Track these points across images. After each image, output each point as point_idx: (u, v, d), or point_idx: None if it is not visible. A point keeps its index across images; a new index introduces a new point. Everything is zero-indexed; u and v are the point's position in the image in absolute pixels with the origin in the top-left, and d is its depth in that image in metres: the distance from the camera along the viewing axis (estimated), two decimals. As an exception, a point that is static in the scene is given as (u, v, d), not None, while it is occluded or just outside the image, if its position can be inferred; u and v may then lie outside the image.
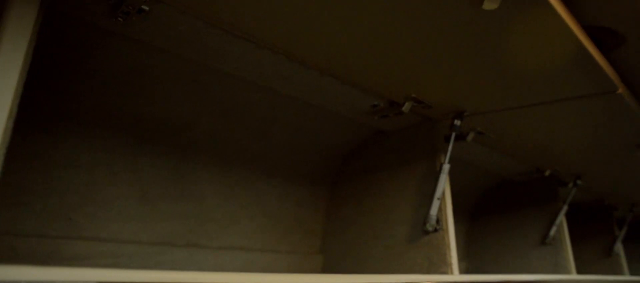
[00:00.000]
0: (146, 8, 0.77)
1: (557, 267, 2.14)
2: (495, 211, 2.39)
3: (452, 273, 1.24)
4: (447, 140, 1.37)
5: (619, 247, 2.97)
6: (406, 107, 1.27)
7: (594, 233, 3.09)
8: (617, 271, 2.95)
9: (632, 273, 3.63)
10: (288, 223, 1.50)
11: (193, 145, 1.23)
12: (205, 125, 1.21)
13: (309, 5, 0.80)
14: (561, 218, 2.14)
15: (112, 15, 0.79)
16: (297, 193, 1.54)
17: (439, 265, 1.26)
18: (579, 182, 2.20)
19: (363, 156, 1.60)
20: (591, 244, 3.08)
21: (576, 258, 2.66)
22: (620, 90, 1.18)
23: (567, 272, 2.12)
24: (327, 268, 1.55)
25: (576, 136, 1.60)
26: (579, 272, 2.77)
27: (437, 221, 1.29)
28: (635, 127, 1.47)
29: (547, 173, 2.16)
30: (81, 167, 1.05)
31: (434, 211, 1.29)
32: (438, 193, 1.30)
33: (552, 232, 2.13)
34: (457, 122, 1.35)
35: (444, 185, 1.32)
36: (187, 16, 0.83)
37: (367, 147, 1.59)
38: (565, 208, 2.15)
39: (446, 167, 1.32)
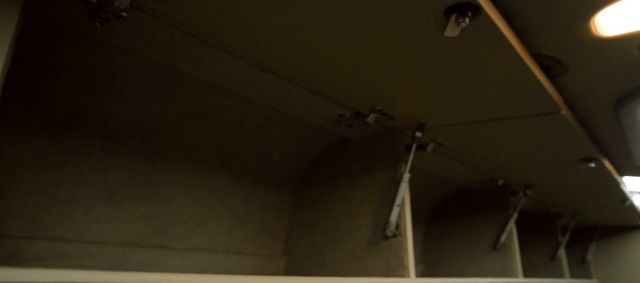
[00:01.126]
0: (125, 15, 0.79)
1: (506, 271, 2.27)
2: (452, 217, 2.51)
3: (409, 276, 1.31)
4: (409, 150, 1.45)
5: (562, 252, 3.18)
6: (371, 118, 1.33)
7: (540, 239, 3.29)
8: (559, 275, 3.15)
9: (572, 276, 3.89)
10: (253, 225, 1.53)
11: (163, 148, 1.24)
12: (176, 128, 1.23)
13: (282, 21, 0.84)
14: (511, 225, 2.28)
15: (90, 19, 0.80)
16: (263, 196, 1.57)
17: (396, 269, 1.33)
18: (528, 191, 2.35)
19: (328, 162, 1.65)
20: (538, 249, 3.27)
21: (523, 263, 2.83)
22: (563, 112, 1.30)
23: (515, 275, 2.25)
24: (290, 270, 1.59)
25: (526, 150, 1.72)
26: (525, 275, 2.95)
27: (397, 227, 1.36)
28: (577, 144, 1.61)
29: (500, 183, 2.30)
30: (47, 166, 1.05)
31: (393, 217, 1.36)
32: (398, 201, 1.37)
33: (503, 238, 2.27)
34: (418, 134, 1.43)
35: (404, 193, 1.39)
36: (165, 25, 0.86)
37: (332, 153, 1.65)
38: (515, 215, 2.30)
39: (407, 176, 1.40)
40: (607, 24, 0.96)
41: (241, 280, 0.85)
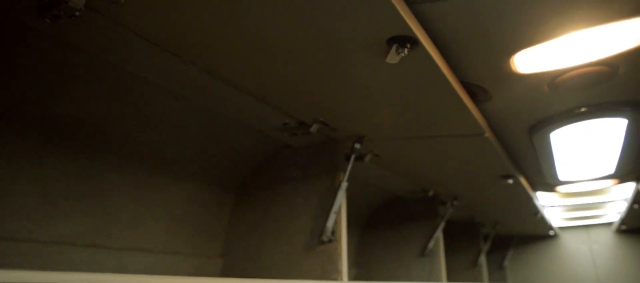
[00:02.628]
0: (78, 14, 0.79)
1: (432, 276, 2.43)
2: (385, 224, 2.63)
3: (342, 279, 1.39)
4: (348, 159, 1.53)
5: (482, 259, 3.44)
6: (314, 128, 1.40)
7: (464, 246, 3.53)
8: (479, 279, 3.41)
9: (491, 280, 4.22)
10: (193, 226, 1.53)
11: (105, 145, 1.22)
12: (120, 127, 1.21)
13: (234, 31, 0.88)
14: (439, 233, 2.44)
15: (39, 15, 0.79)
16: (204, 198, 1.58)
17: (330, 272, 1.40)
18: (455, 202, 2.53)
19: (270, 168, 1.69)
20: (462, 255, 3.52)
21: (448, 268, 3.03)
22: (487, 134, 1.44)
23: (440, 280, 2.41)
24: (227, 272, 1.61)
25: (454, 165, 1.87)
26: (449, 280, 3.16)
27: (332, 233, 1.43)
28: (498, 162, 1.79)
29: (431, 193, 2.46)
30: (-25, 159, 1.00)
31: (330, 223, 1.43)
32: (335, 208, 1.45)
33: (431, 244, 2.42)
34: (358, 146, 1.51)
35: (341, 200, 1.46)
36: (118, 26, 0.86)
37: (274, 159, 1.69)
38: (442, 224, 2.47)
39: (344, 184, 1.48)
40: (523, 63, 1.10)
41: (176, 281, 0.87)
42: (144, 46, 0.93)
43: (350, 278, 2.35)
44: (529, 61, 1.09)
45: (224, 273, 1.62)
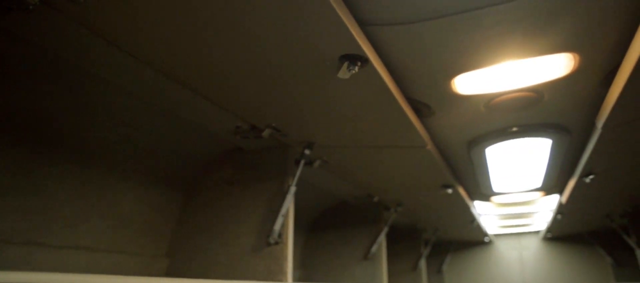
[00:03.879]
0: (32, 8, 0.77)
1: (374, 279, 2.52)
2: (331, 227, 2.70)
3: (286, 281, 1.43)
4: (297, 164, 1.57)
5: (422, 263, 3.61)
6: (266, 133, 1.42)
7: (406, 250, 3.68)
8: (418, 282, 3.57)
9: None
10: (139, 225, 1.51)
11: (51, 140, 1.18)
12: (68, 122, 1.18)
13: (190, 35, 0.89)
14: (382, 237, 2.54)
15: (-12, 7, 0.77)
16: (152, 196, 1.56)
17: (276, 274, 1.44)
18: (399, 208, 2.64)
19: (220, 169, 1.69)
20: (403, 259, 3.66)
21: (390, 272, 3.15)
22: (428, 147, 1.54)
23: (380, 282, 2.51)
24: (172, 272, 1.60)
25: (398, 174, 1.97)
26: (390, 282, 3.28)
27: (279, 235, 1.47)
28: (439, 173, 1.90)
29: (376, 199, 2.55)
30: None
31: (277, 226, 1.46)
32: (283, 211, 1.48)
33: (374, 248, 2.52)
34: (307, 152, 1.56)
35: (289, 204, 1.50)
36: (73, 23, 0.85)
37: (225, 161, 1.70)
38: (386, 229, 2.57)
39: (293, 188, 1.52)
40: (463, 85, 1.20)
41: (116, 281, 0.87)
42: (100, 45, 0.92)
43: (294, 280, 2.39)
44: (467, 84, 1.19)
45: (170, 273, 1.60)
